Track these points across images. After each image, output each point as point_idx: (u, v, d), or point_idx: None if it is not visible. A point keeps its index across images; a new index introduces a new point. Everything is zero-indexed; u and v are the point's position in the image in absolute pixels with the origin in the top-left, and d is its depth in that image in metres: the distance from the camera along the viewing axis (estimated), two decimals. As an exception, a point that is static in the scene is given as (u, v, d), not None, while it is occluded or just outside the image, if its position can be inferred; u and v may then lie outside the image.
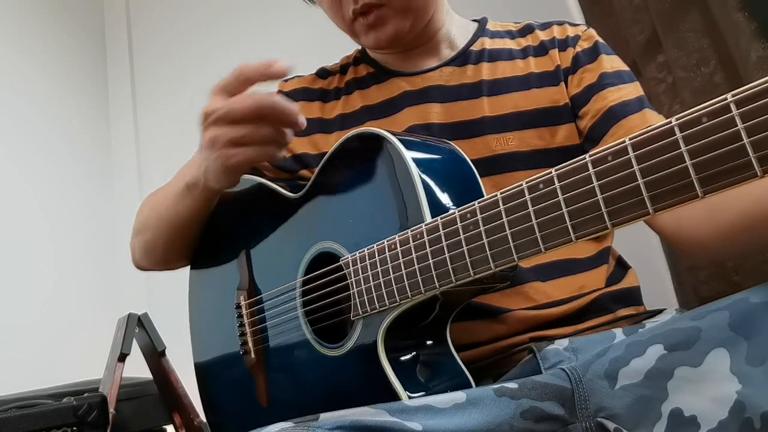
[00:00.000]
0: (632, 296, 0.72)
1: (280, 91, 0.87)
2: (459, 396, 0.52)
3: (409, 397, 0.55)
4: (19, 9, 1.86)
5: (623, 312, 0.69)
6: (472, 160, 0.64)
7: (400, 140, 0.60)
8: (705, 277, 0.98)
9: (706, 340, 0.45)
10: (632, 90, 0.73)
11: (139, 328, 1.11)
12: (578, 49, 0.76)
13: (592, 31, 0.79)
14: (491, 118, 0.73)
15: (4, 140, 1.69)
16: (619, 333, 0.62)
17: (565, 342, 0.62)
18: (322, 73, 0.88)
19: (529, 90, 0.74)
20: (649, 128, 0.40)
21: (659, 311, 0.70)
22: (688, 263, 1.02)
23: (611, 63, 0.75)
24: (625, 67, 0.76)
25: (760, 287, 0.46)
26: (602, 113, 0.72)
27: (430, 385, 0.58)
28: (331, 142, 0.77)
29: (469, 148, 0.66)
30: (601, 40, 0.78)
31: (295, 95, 0.85)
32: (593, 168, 0.43)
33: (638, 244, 0.87)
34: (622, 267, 0.74)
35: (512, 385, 0.54)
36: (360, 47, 0.89)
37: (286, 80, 0.88)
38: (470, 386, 0.59)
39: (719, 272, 0.95)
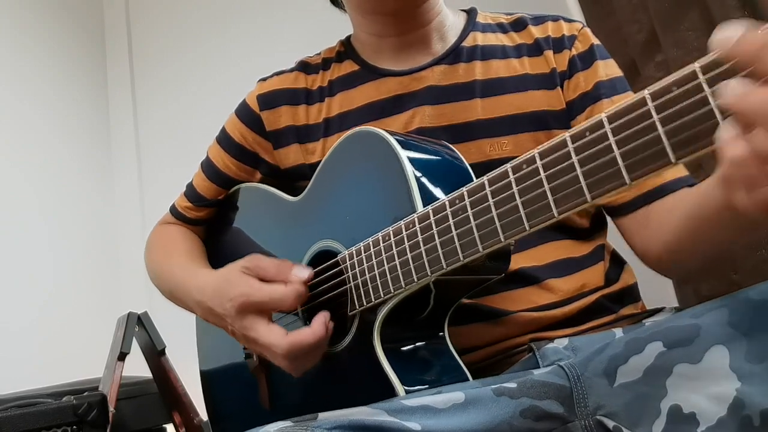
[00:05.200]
0: (632, 294, 0.72)
1: (260, 94, 0.81)
2: (458, 396, 0.52)
3: (406, 390, 0.56)
4: (19, 9, 1.86)
5: (625, 311, 0.69)
6: None
7: (396, 139, 0.61)
8: (705, 276, 0.98)
9: (706, 337, 0.45)
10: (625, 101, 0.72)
11: (138, 327, 1.11)
12: (574, 51, 0.74)
13: (588, 31, 0.76)
14: (484, 121, 0.71)
15: (4, 140, 1.69)
16: (618, 332, 0.62)
17: (564, 341, 0.62)
18: (304, 68, 0.82)
19: (525, 92, 0.72)
20: (623, 102, 0.41)
21: (658, 310, 0.70)
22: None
23: (606, 70, 0.73)
24: (619, 73, 0.75)
25: (760, 285, 0.46)
26: None
27: (426, 379, 0.58)
28: (319, 148, 0.77)
29: (463, 153, 0.65)
30: (596, 42, 0.76)
31: (277, 97, 0.80)
32: (572, 144, 0.43)
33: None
34: (617, 263, 0.73)
35: (511, 384, 0.54)
36: (343, 39, 0.84)
37: (264, 79, 0.83)
38: (467, 381, 0.59)
39: (719, 271, 0.95)
